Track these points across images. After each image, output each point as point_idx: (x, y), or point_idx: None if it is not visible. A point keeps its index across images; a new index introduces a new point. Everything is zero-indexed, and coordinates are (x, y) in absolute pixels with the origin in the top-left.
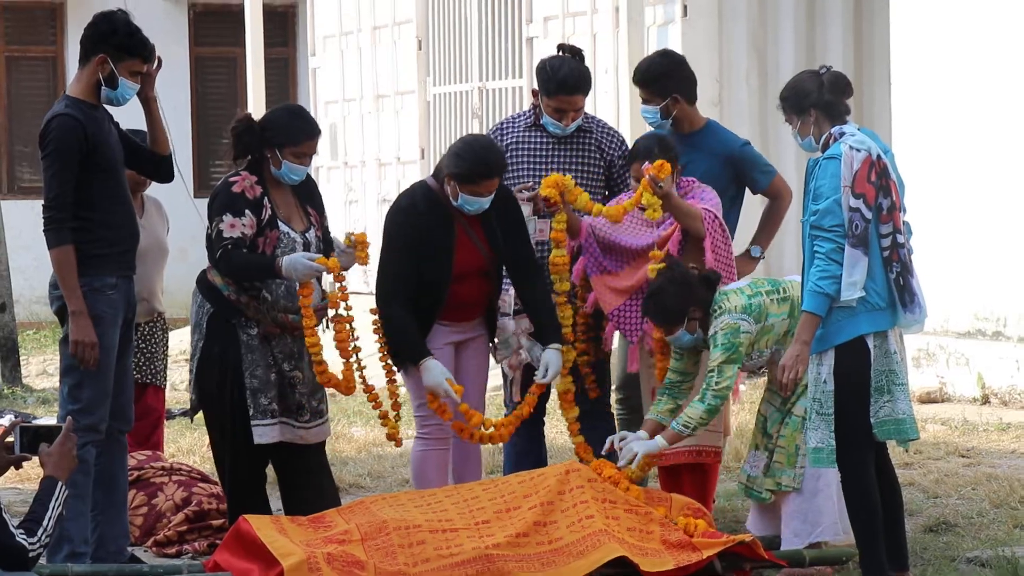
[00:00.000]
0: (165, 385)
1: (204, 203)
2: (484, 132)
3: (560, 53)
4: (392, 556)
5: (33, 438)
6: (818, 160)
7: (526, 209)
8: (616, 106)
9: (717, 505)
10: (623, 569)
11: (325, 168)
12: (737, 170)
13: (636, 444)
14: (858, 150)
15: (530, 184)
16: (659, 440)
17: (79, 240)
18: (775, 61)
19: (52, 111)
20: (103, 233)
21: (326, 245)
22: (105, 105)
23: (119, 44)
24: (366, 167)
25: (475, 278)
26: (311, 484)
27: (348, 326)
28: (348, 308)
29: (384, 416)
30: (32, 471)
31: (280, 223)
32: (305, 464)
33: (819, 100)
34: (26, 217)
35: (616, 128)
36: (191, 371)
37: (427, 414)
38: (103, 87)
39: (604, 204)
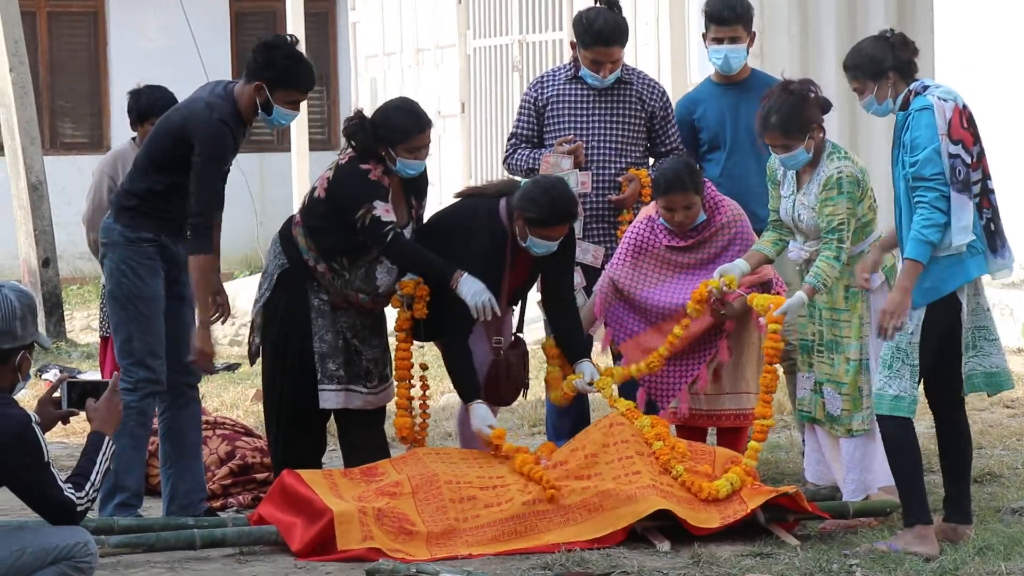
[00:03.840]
0: None
1: (244, 158)
2: (524, 86)
3: (596, 4)
4: (443, 511)
5: (80, 393)
6: (908, 112)
7: (566, 162)
8: (657, 58)
9: (761, 457)
10: (668, 521)
11: None
12: None
13: (792, 304)
14: (946, 100)
15: (571, 136)
16: (800, 296)
17: (131, 192)
18: (816, 11)
19: (220, 110)
20: (151, 198)
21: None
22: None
23: (274, 77)
24: None
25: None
26: (370, 443)
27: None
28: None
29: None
30: (77, 425)
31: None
32: (366, 423)
33: (897, 62)
34: (68, 173)
35: (657, 80)
36: (253, 317)
37: None
38: (260, 110)
39: (643, 157)
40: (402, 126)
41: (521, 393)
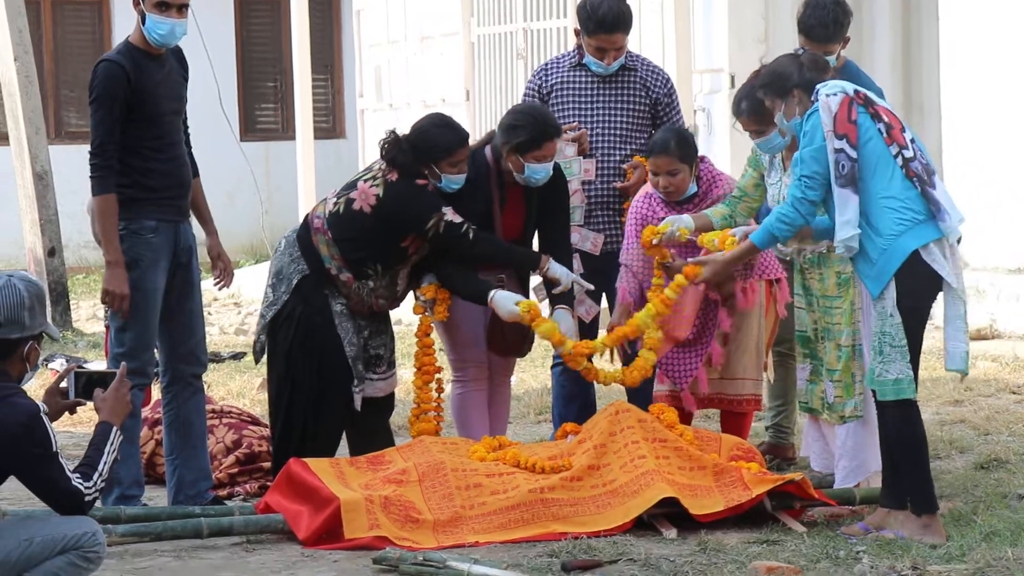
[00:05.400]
0: None
1: (250, 146)
2: (528, 73)
3: None
4: (449, 498)
5: (87, 383)
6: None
7: (571, 149)
8: (662, 45)
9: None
10: (675, 508)
11: (371, 111)
12: None
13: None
14: (833, 94)
15: (575, 124)
16: (746, 228)
17: (120, 184)
18: None
19: (103, 56)
20: (138, 179)
21: None
22: (164, 47)
23: None
24: (411, 109)
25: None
26: (381, 431)
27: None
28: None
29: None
30: (84, 414)
31: None
32: (377, 411)
33: (802, 80)
34: (74, 162)
35: (661, 66)
36: (263, 316)
37: (462, 358)
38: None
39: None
40: (444, 143)
41: (527, 344)
